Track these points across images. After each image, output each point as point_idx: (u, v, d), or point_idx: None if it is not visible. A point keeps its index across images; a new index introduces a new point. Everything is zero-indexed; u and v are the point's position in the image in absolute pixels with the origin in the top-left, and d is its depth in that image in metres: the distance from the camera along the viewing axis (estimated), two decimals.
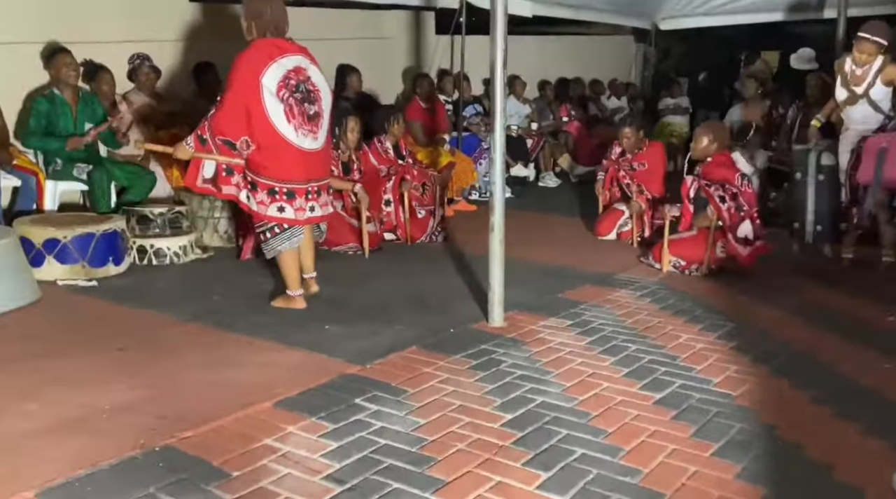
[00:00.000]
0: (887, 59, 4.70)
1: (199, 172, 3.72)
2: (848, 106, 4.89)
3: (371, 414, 2.79)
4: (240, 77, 3.57)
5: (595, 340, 3.59)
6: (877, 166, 4.51)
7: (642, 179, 5.67)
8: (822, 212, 5.11)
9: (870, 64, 4.79)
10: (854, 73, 4.83)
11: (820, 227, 5.07)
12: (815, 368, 3.31)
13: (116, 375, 3.11)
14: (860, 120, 4.89)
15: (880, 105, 4.83)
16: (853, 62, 4.87)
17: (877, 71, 4.74)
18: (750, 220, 4.62)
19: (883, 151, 4.48)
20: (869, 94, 4.79)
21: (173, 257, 4.74)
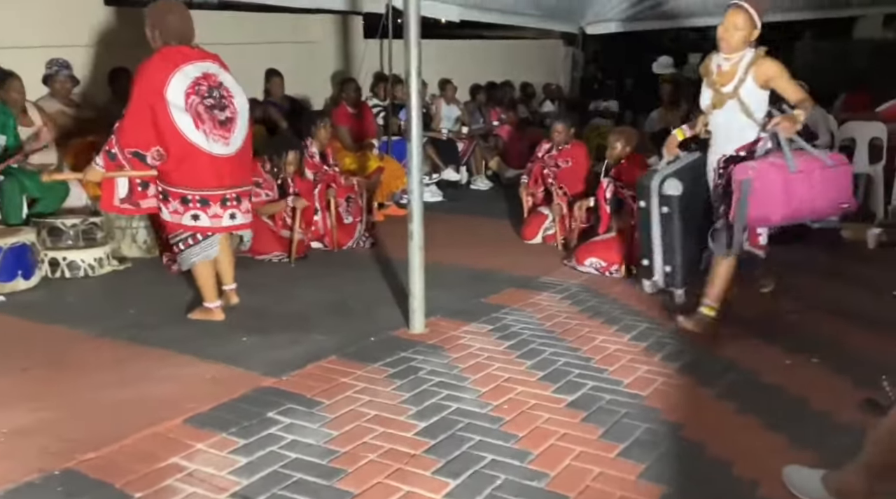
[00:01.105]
0: (760, 52, 3.58)
1: (114, 193, 3.63)
2: (715, 110, 3.69)
3: (283, 427, 2.77)
4: (143, 86, 3.50)
5: (513, 345, 3.64)
6: (740, 200, 3.42)
7: (564, 177, 5.77)
8: (670, 250, 3.93)
9: (739, 55, 3.60)
10: (721, 70, 3.67)
11: (669, 268, 3.95)
12: (719, 365, 3.42)
13: (18, 396, 3.01)
14: (726, 129, 3.68)
15: (752, 110, 3.59)
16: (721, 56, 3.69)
17: (748, 65, 3.57)
18: None
19: (747, 182, 3.39)
20: (739, 93, 3.58)
21: (88, 270, 4.60)
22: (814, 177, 3.47)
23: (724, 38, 3.60)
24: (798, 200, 3.44)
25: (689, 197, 3.89)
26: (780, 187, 3.39)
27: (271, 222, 5.20)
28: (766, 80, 3.58)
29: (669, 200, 3.87)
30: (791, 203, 3.42)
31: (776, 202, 3.40)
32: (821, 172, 3.49)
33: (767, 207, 3.41)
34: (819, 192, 3.49)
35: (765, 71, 3.57)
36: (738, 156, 3.61)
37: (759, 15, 3.57)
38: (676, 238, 3.93)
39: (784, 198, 3.41)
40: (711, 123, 3.77)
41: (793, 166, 3.40)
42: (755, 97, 3.62)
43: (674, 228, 3.91)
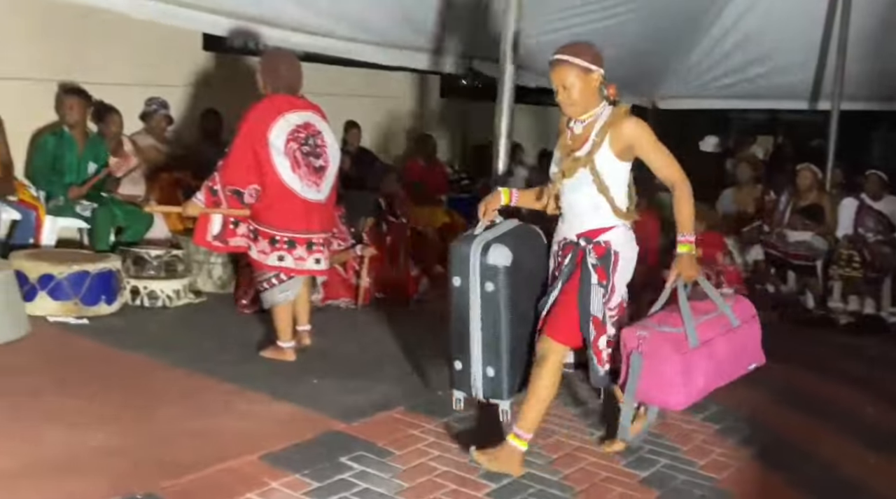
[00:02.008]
0: (621, 110, 2.81)
1: (208, 229, 3.77)
2: (565, 180, 2.85)
3: (356, 474, 2.78)
4: (248, 128, 3.67)
5: (581, 413, 3.60)
6: (629, 372, 2.75)
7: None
8: (493, 346, 2.89)
9: (593, 115, 2.83)
10: (574, 133, 2.88)
11: (492, 370, 2.90)
12: (797, 454, 3.32)
13: (103, 417, 3.09)
14: (577, 206, 2.86)
15: (606, 184, 2.78)
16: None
17: (604, 125, 2.79)
18: None
19: (637, 358, 2.72)
20: (593, 161, 2.77)
21: (166, 300, 4.74)
22: (717, 348, 2.80)
23: (561, 103, 2.86)
24: (702, 378, 2.76)
25: (520, 273, 2.88)
26: (678, 369, 2.69)
27: (342, 269, 5.29)
28: (626, 147, 2.76)
29: (495, 274, 2.81)
30: (693, 384, 2.74)
31: (672, 386, 2.71)
32: (726, 338, 2.83)
33: (663, 392, 2.75)
34: (725, 361, 2.83)
35: (624, 134, 2.75)
36: (579, 243, 2.84)
37: (595, 59, 2.82)
38: (503, 328, 2.84)
39: (683, 380, 2.70)
40: (562, 198, 2.92)
41: (694, 340, 2.73)
42: (612, 169, 2.79)
43: (500, 314, 2.83)
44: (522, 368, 2.97)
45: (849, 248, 5.93)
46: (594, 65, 2.83)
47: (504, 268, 2.83)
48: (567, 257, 2.89)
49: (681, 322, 2.75)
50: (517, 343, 2.93)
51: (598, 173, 2.79)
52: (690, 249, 2.80)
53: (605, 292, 2.83)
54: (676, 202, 2.82)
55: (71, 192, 4.96)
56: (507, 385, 2.93)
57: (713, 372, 2.80)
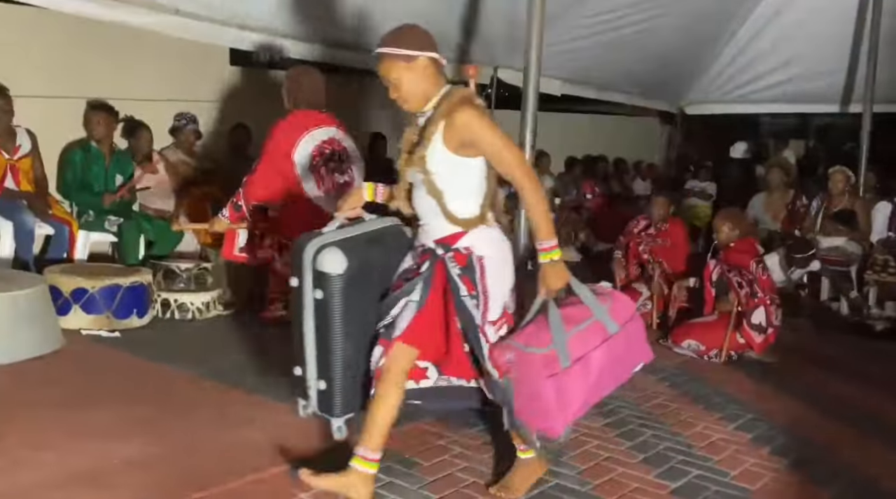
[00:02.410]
0: (456, 97, 2.45)
1: (235, 243, 3.83)
2: (411, 180, 2.57)
3: (384, 485, 2.77)
4: (274, 144, 3.72)
5: (611, 423, 3.56)
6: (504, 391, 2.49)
7: (665, 255, 5.68)
8: (325, 357, 2.65)
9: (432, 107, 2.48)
10: (419, 126, 2.52)
11: (324, 383, 2.65)
12: (835, 465, 3.25)
13: (133, 428, 3.12)
14: (422, 209, 2.57)
15: (440, 189, 2.47)
16: None
17: (433, 119, 2.45)
18: (764, 306, 4.60)
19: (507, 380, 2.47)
20: (425, 163, 2.46)
21: (196, 313, 4.79)
22: (593, 362, 2.47)
23: (395, 99, 2.52)
24: (578, 398, 2.46)
25: (365, 281, 2.60)
26: (551, 394, 2.41)
27: None
28: (463, 142, 2.40)
29: (325, 282, 2.55)
30: (569, 407, 2.45)
31: (547, 412, 2.44)
32: (603, 349, 2.48)
33: (537, 418, 2.47)
34: (604, 372, 2.50)
35: (457, 126, 2.39)
36: (437, 250, 2.53)
37: (419, 42, 2.49)
38: (336, 341, 2.59)
39: (557, 405, 2.43)
40: (412, 199, 2.61)
41: (566, 359, 2.41)
42: (450, 168, 2.44)
43: (331, 325, 2.57)
44: (359, 385, 2.64)
45: (883, 252, 5.82)
46: (418, 49, 2.46)
47: (336, 276, 2.53)
48: (424, 265, 2.53)
49: (549, 340, 2.41)
50: (355, 357, 2.61)
51: (429, 174, 2.44)
52: (552, 257, 2.47)
53: (477, 303, 2.48)
54: (526, 205, 2.47)
55: (104, 199, 5.08)
56: (340, 401, 2.64)
57: (591, 387, 2.49)
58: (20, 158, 5.01)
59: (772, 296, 4.70)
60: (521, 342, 2.46)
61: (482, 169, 2.49)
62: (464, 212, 2.50)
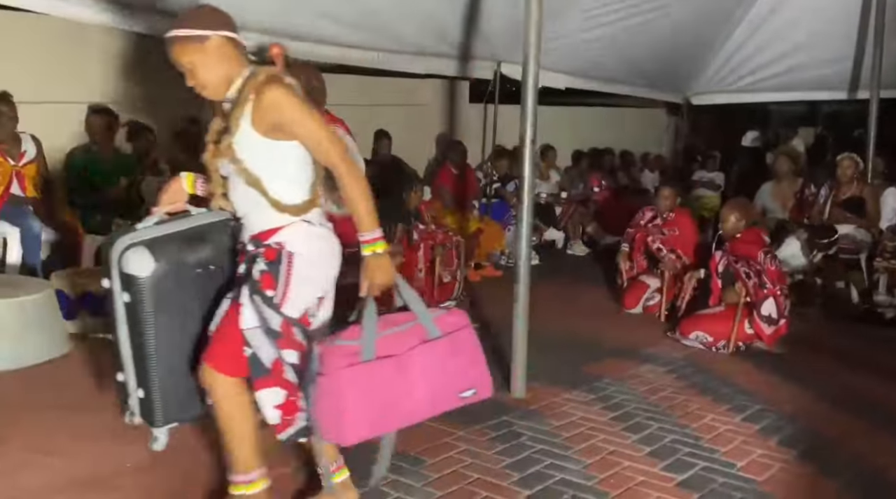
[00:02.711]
0: (261, 75, 2.23)
1: None
2: (222, 172, 2.33)
3: (389, 483, 2.78)
4: None
5: (618, 417, 3.54)
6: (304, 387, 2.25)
7: (675, 243, 5.67)
8: (141, 364, 2.38)
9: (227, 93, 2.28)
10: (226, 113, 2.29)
11: (143, 391, 2.40)
12: (842, 455, 3.22)
13: (140, 433, 3.12)
14: (239, 201, 2.33)
15: (258, 174, 2.24)
16: None
17: (238, 102, 2.23)
18: (773, 297, 4.57)
19: (313, 379, 2.19)
20: (233, 148, 2.23)
21: None
22: (410, 367, 2.19)
23: (192, 87, 2.29)
24: (391, 402, 2.18)
25: (184, 283, 2.35)
26: (348, 385, 2.12)
27: None
28: (274, 124, 2.19)
29: (132, 284, 2.29)
30: (375, 408, 2.16)
31: (340, 409, 2.14)
32: (422, 356, 2.21)
33: (331, 415, 2.17)
34: (427, 384, 2.21)
35: (264, 107, 2.18)
36: (249, 247, 2.31)
37: (209, 20, 2.24)
38: (149, 346, 2.34)
39: (355, 402, 2.13)
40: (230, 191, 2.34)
41: (370, 352, 2.16)
42: (262, 153, 2.23)
43: (144, 330, 2.33)
44: (185, 393, 2.40)
45: (893, 239, 5.76)
46: (210, 28, 2.22)
47: (143, 278, 2.27)
48: (242, 266, 2.31)
49: (360, 334, 2.18)
50: (179, 364, 2.38)
51: (240, 162, 2.21)
52: (375, 249, 2.24)
53: (272, 302, 2.22)
54: (345, 194, 2.24)
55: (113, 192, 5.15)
56: (161, 411, 2.39)
57: (408, 397, 2.19)
58: (25, 164, 5.04)
59: (781, 286, 4.66)
60: (340, 336, 2.21)
61: (302, 154, 2.26)
62: (289, 198, 2.26)
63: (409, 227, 5.49)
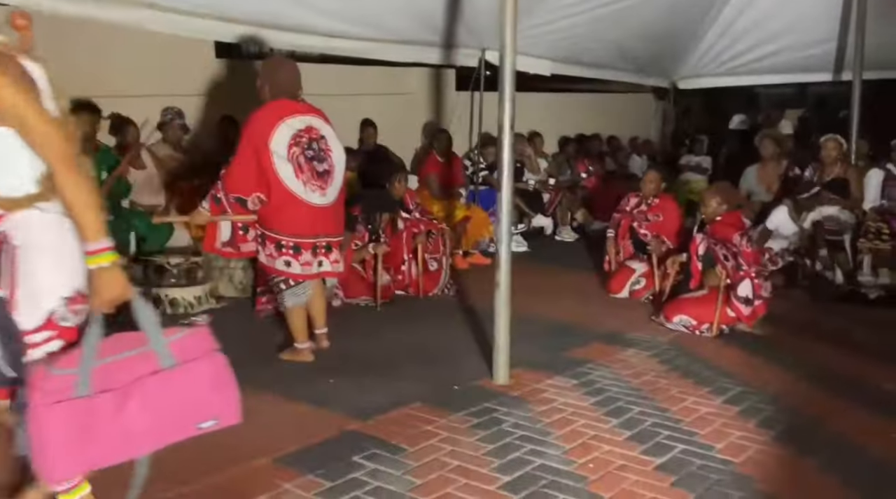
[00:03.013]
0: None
1: (217, 236, 3.83)
2: None
3: (368, 472, 2.79)
4: (249, 135, 3.69)
5: (599, 401, 3.56)
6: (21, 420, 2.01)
7: (659, 229, 5.70)
8: None
9: None
10: None
11: None
12: (822, 435, 3.25)
13: None
14: None
15: None
16: None
17: None
18: (749, 279, 4.59)
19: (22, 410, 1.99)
20: None
21: (187, 307, 4.81)
22: (135, 396, 1.97)
23: None
24: (110, 436, 1.97)
25: None
26: (55, 423, 1.90)
27: (361, 268, 5.33)
28: None
29: None
30: (83, 447, 1.94)
31: (47, 444, 1.92)
32: (149, 386, 1.99)
33: (39, 451, 1.93)
34: (147, 415, 1.99)
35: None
36: None
37: None
38: None
39: (67, 438, 1.92)
40: None
41: (85, 387, 1.93)
42: None
43: None
44: None
45: (877, 220, 5.78)
46: None
47: None
48: None
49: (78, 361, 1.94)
50: None
51: None
52: (102, 261, 1.97)
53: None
54: (64, 197, 1.96)
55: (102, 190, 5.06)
56: None
57: (121, 432, 1.97)
58: None
59: (757, 269, 4.69)
60: (52, 364, 1.98)
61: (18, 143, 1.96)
62: (8, 190, 1.97)
63: (393, 215, 5.49)
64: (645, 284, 5.58)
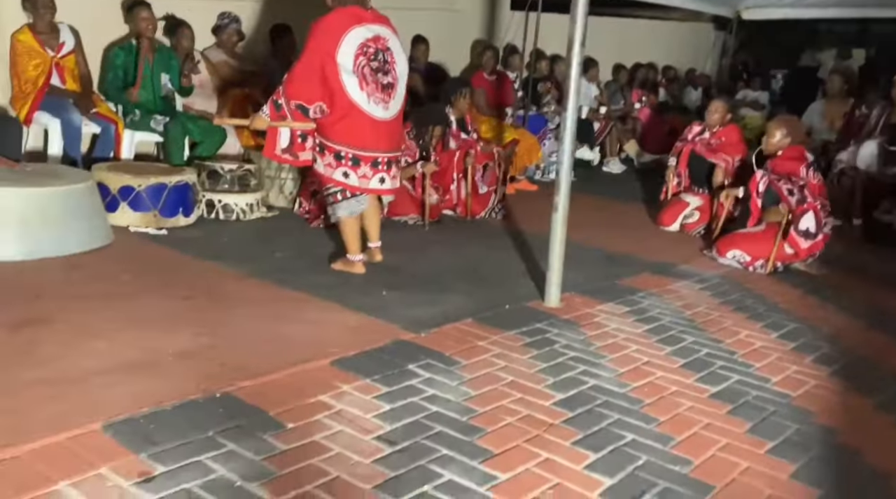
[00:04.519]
0: None
1: (276, 142, 3.79)
2: None
3: (424, 381, 2.83)
4: (315, 43, 3.60)
5: (652, 329, 3.55)
6: None
7: (721, 150, 5.57)
8: None
9: None
10: None
11: None
12: (879, 374, 3.22)
13: (181, 321, 3.21)
14: None
15: None
16: None
17: None
18: (813, 211, 4.48)
19: None
20: None
21: (240, 214, 4.84)
22: None
23: None
24: None
25: None
26: None
27: (410, 186, 5.29)
28: None
29: None
30: None
31: None
32: None
33: None
34: None
35: None
36: None
37: None
38: None
39: None
40: None
41: None
42: None
43: None
44: None
45: None
46: None
47: None
48: None
49: None
50: None
51: None
52: None
53: None
54: None
55: (129, 94, 5.07)
56: None
57: None
58: (64, 55, 5.00)
59: (822, 201, 4.56)
60: None
61: None
62: None
63: (445, 131, 5.39)
64: (698, 218, 5.48)
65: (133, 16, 5.17)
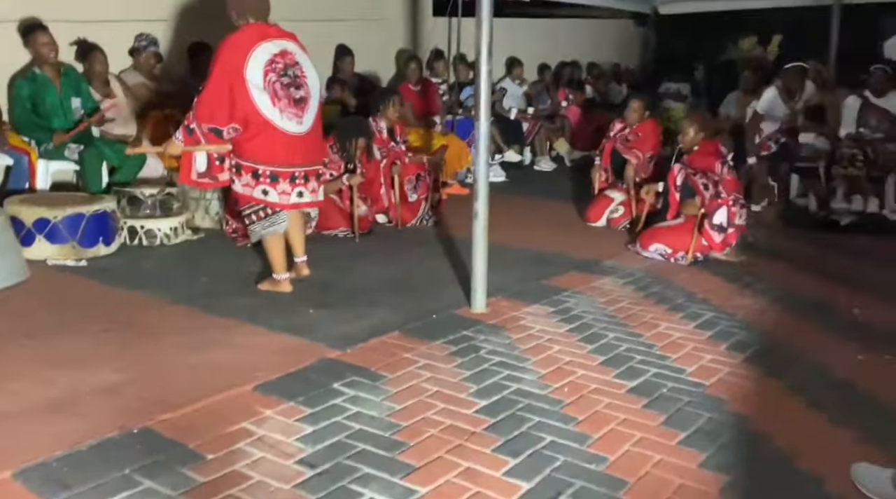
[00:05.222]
0: None
1: (193, 167, 3.75)
2: None
3: (348, 399, 2.84)
4: (223, 61, 3.58)
5: (575, 328, 3.63)
6: None
7: (637, 146, 5.76)
8: None
9: None
10: None
11: None
12: (789, 356, 3.36)
13: (101, 356, 3.16)
14: None
15: None
16: None
17: None
18: (726, 206, 4.64)
19: None
20: None
21: (164, 238, 4.77)
22: None
23: None
24: None
25: None
26: None
27: (338, 199, 5.28)
28: None
29: None
30: None
31: None
32: None
33: None
34: None
35: None
36: None
37: None
38: None
39: None
40: None
41: None
42: None
43: None
44: None
45: (851, 147, 5.82)
46: None
47: None
48: None
49: None
50: None
51: None
52: None
53: None
54: None
55: (55, 138, 4.91)
56: None
57: None
58: None
59: (735, 196, 4.73)
60: None
61: None
62: None
63: (368, 142, 5.40)
64: (623, 212, 5.62)
65: (31, 41, 4.99)
